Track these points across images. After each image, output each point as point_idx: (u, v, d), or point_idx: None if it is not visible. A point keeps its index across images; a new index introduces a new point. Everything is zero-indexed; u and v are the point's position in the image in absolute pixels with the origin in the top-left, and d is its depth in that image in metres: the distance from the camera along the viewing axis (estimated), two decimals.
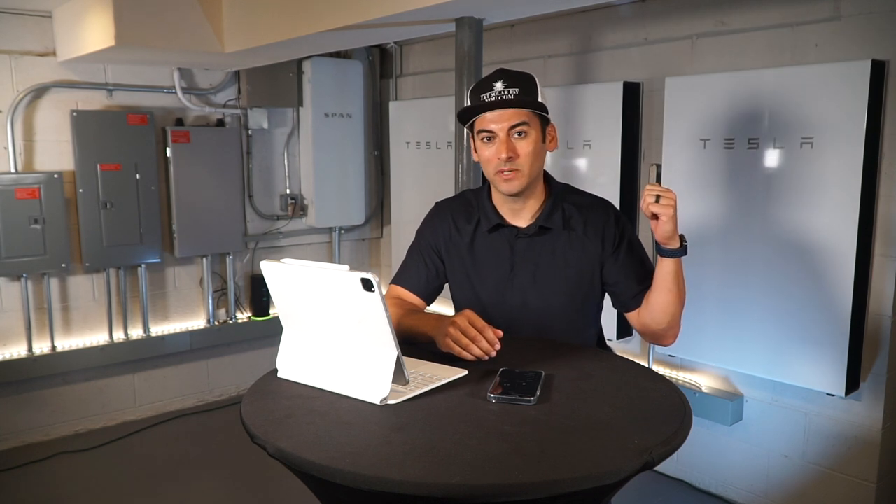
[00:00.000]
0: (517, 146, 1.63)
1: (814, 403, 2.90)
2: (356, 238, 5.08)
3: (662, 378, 1.44)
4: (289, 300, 1.39)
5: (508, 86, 1.61)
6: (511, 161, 1.62)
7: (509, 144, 1.62)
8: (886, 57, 2.59)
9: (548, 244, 1.71)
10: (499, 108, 1.61)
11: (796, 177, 2.73)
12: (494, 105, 1.61)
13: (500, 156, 1.62)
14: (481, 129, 1.65)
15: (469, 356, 1.47)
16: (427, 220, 1.86)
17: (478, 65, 2.74)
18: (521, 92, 1.61)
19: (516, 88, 1.61)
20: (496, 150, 1.63)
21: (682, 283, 1.60)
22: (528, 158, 1.63)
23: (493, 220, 1.74)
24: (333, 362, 1.34)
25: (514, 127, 1.62)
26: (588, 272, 1.71)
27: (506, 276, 1.73)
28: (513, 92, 1.61)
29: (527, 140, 1.63)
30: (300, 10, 2.92)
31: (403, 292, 1.81)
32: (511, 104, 1.61)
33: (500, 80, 1.62)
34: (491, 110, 1.62)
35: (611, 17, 3.43)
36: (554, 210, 1.71)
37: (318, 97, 4.50)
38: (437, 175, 4.21)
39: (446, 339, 1.49)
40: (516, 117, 1.62)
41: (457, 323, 1.49)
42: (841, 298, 2.66)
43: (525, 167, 1.64)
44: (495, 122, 1.62)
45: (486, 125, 1.64)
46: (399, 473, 1.01)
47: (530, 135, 1.63)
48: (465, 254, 1.77)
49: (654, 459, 1.07)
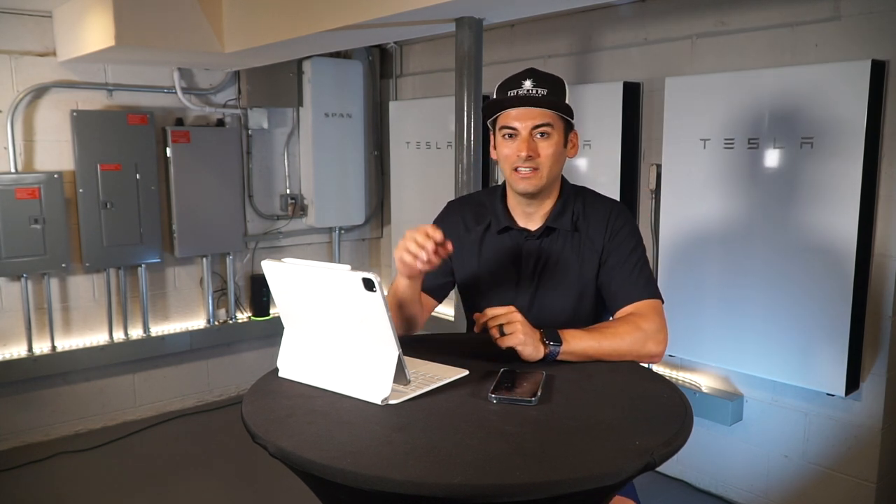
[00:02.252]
0: (538, 146, 1.61)
1: (814, 403, 2.90)
2: (356, 238, 5.08)
3: (663, 378, 1.44)
4: (290, 300, 1.39)
5: (537, 85, 1.60)
6: (531, 160, 1.61)
7: (531, 143, 1.61)
8: (886, 57, 2.59)
9: (555, 246, 1.70)
10: (525, 105, 1.60)
11: (796, 177, 2.73)
12: (521, 101, 1.60)
13: (519, 153, 1.61)
14: (504, 125, 1.63)
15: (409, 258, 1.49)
16: (438, 219, 1.85)
17: (478, 65, 2.74)
18: (549, 93, 1.60)
19: (545, 89, 1.60)
20: (517, 148, 1.61)
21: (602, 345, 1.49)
22: (549, 160, 1.62)
23: (503, 222, 1.73)
24: (334, 362, 1.34)
25: (537, 127, 1.61)
26: (590, 273, 1.70)
27: (512, 277, 1.72)
28: (541, 91, 1.60)
29: (549, 141, 1.62)
30: (300, 10, 2.92)
31: None
32: (538, 103, 1.60)
33: (529, 79, 1.61)
34: (517, 107, 1.61)
35: (611, 17, 3.43)
36: (563, 212, 1.70)
37: (318, 97, 4.50)
38: (437, 175, 4.21)
39: (396, 252, 1.51)
40: (541, 117, 1.60)
41: (405, 235, 1.50)
42: (841, 298, 2.66)
43: (544, 168, 1.62)
44: (520, 119, 1.61)
45: (509, 122, 1.62)
46: (400, 473, 1.01)
47: (553, 137, 1.62)
48: (474, 254, 1.76)
49: (655, 460, 1.07)
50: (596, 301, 1.72)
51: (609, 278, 1.66)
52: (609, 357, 1.50)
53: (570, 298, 1.70)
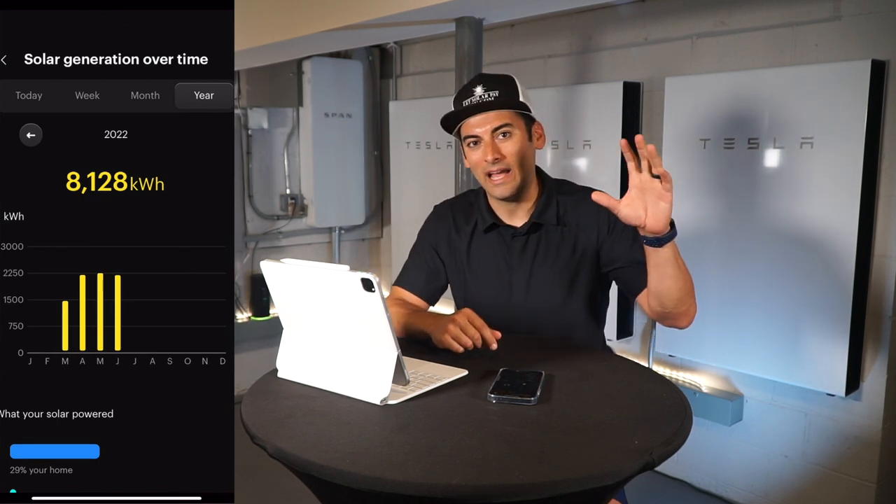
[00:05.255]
0: (502, 147, 1.64)
1: (814, 403, 2.90)
2: (356, 238, 5.08)
3: (663, 378, 1.44)
4: (289, 300, 1.39)
5: (488, 89, 1.64)
6: (498, 162, 1.64)
7: (494, 146, 1.64)
8: (886, 57, 2.59)
9: (542, 241, 1.72)
10: (480, 111, 1.63)
11: (796, 177, 2.73)
12: (476, 109, 1.63)
13: (486, 158, 1.64)
14: (467, 134, 1.67)
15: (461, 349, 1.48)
16: (428, 221, 1.87)
17: (478, 65, 2.74)
18: (500, 94, 1.63)
19: (496, 91, 1.63)
20: (482, 153, 1.65)
21: (682, 264, 1.50)
22: (515, 158, 1.65)
23: (488, 221, 1.76)
24: (334, 362, 1.34)
25: (497, 129, 1.64)
26: (585, 266, 1.71)
27: (502, 275, 1.74)
28: (493, 94, 1.63)
29: (511, 140, 1.65)
30: (300, 10, 2.92)
31: (405, 293, 1.82)
32: (492, 106, 1.63)
33: (479, 85, 1.65)
34: (472, 115, 1.64)
35: (611, 17, 3.43)
36: (547, 206, 1.72)
37: (318, 97, 4.50)
38: (437, 175, 4.21)
39: (445, 336, 1.49)
40: (498, 119, 1.64)
41: (457, 321, 1.49)
42: (841, 298, 2.66)
43: (515, 167, 1.65)
44: (478, 125, 1.64)
45: (470, 130, 1.66)
46: (400, 474, 1.01)
47: (514, 135, 1.65)
48: (464, 254, 1.79)
49: (654, 460, 1.07)
50: (589, 293, 1.73)
51: (622, 253, 1.67)
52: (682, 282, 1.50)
53: (562, 292, 1.71)
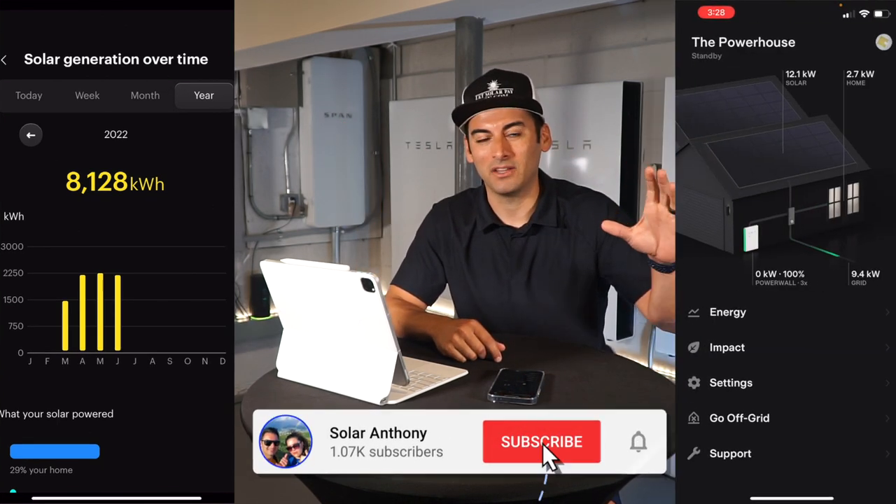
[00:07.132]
0: (512, 145, 1.63)
1: None
2: (356, 238, 5.08)
3: (662, 378, 1.43)
4: (288, 300, 1.39)
5: (503, 85, 1.63)
6: (506, 160, 1.63)
7: (504, 143, 1.63)
8: None
9: (542, 243, 1.71)
10: (494, 107, 1.62)
11: None
12: (489, 104, 1.62)
13: (495, 154, 1.63)
14: (476, 128, 1.66)
15: (464, 360, 1.47)
16: (427, 220, 1.86)
17: (478, 65, 2.74)
18: (515, 91, 1.62)
19: (511, 88, 1.62)
20: (491, 149, 1.63)
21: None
22: (524, 157, 1.64)
23: (487, 221, 1.74)
24: (333, 362, 1.34)
25: (508, 126, 1.63)
26: (585, 268, 1.70)
27: (501, 276, 1.73)
28: (507, 91, 1.62)
29: (521, 139, 1.64)
30: (300, 10, 2.92)
31: (403, 293, 1.81)
32: (506, 103, 1.62)
33: (494, 80, 1.63)
34: (486, 109, 1.63)
35: (611, 17, 3.43)
36: (548, 207, 1.71)
37: (318, 97, 4.50)
38: (437, 175, 4.21)
39: (448, 345, 1.49)
40: (511, 116, 1.62)
41: (463, 332, 1.48)
42: None
43: (521, 166, 1.64)
44: (490, 121, 1.63)
45: (480, 125, 1.64)
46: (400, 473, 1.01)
47: (525, 134, 1.64)
48: (462, 254, 1.77)
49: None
50: (588, 296, 1.73)
51: (621, 259, 1.64)
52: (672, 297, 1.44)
53: (561, 294, 1.70)
